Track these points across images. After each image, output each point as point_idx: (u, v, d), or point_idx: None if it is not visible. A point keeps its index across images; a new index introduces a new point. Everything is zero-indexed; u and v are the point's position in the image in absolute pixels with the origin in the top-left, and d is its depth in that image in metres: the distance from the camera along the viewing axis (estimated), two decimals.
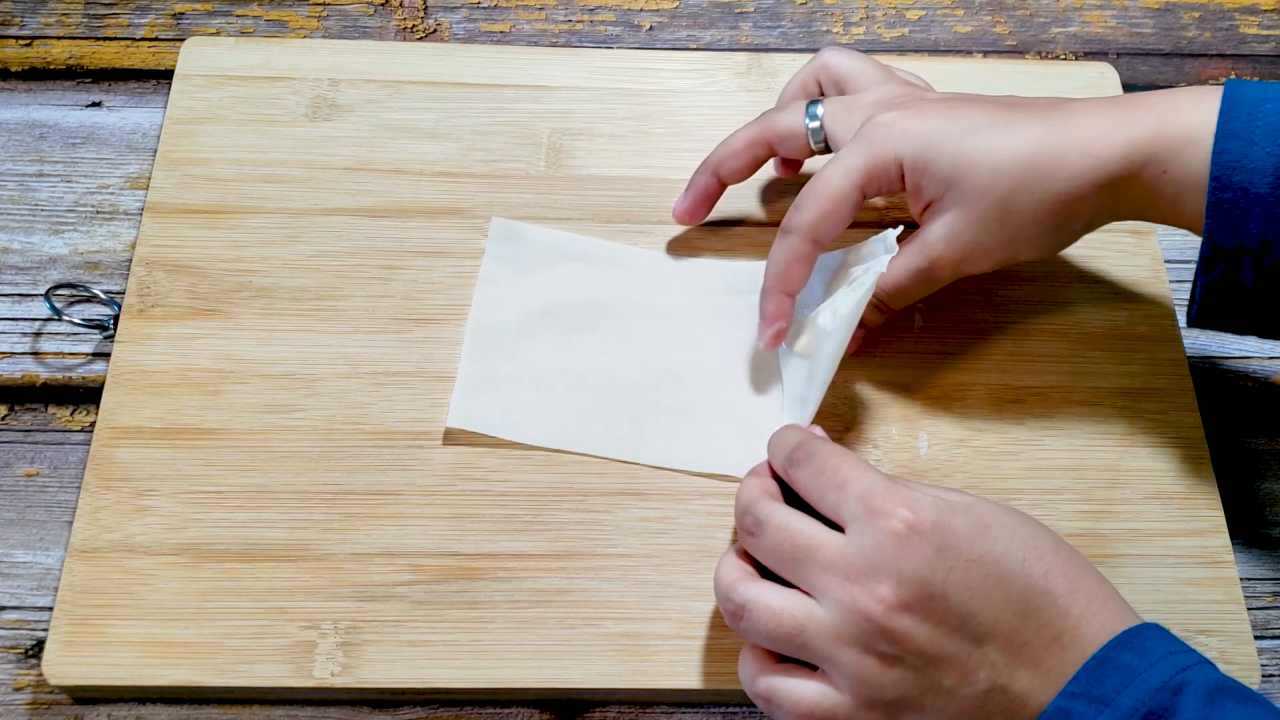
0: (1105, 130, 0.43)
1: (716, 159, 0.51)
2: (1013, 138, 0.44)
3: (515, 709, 0.45)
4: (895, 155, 0.45)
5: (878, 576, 0.36)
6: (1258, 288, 0.42)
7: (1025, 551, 0.37)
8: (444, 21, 0.62)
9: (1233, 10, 0.65)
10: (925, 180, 0.45)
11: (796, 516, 0.39)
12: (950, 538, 0.36)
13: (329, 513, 0.46)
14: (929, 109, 0.46)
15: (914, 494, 0.37)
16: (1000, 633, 0.36)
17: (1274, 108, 0.40)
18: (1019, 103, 0.46)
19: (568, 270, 0.52)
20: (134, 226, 0.54)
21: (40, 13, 0.61)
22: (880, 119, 0.46)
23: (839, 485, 0.38)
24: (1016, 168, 0.43)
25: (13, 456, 0.49)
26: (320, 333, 0.50)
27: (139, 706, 0.44)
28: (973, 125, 0.44)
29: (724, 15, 0.63)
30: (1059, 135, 0.43)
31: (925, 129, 0.45)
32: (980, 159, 0.44)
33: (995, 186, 0.43)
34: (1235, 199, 0.40)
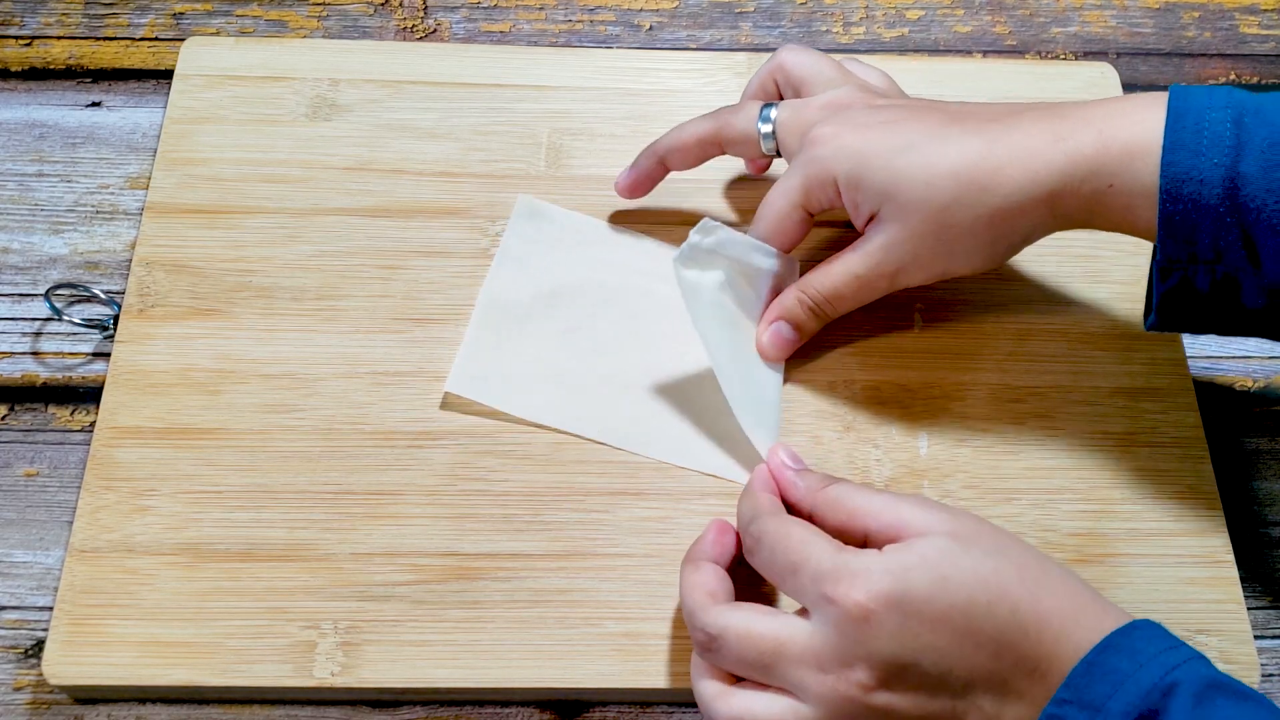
0: (1043, 144, 0.42)
1: (665, 146, 0.51)
2: (948, 152, 0.43)
3: (515, 709, 0.45)
4: (830, 174, 0.45)
5: (850, 663, 0.36)
6: (1212, 293, 0.41)
7: (988, 593, 0.36)
8: (444, 21, 0.62)
9: (1233, 10, 0.65)
10: (859, 196, 0.45)
11: (751, 618, 0.38)
12: (910, 605, 0.36)
13: (329, 513, 0.46)
14: (867, 121, 0.45)
15: (865, 565, 0.37)
16: (980, 678, 0.36)
17: (1219, 116, 0.40)
18: (962, 113, 0.45)
19: (587, 254, 0.53)
20: (134, 226, 0.54)
21: (40, 13, 0.61)
22: (817, 134, 0.46)
23: (792, 570, 0.38)
24: (951, 184, 0.43)
25: (13, 456, 0.49)
26: (320, 333, 0.50)
27: (139, 706, 0.44)
28: (908, 140, 0.44)
29: (724, 15, 0.63)
30: (995, 150, 0.43)
31: (859, 145, 0.45)
32: (914, 175, 0.43)
33: (930, 202, 0.43)
34: (1186, 211, 0.40)
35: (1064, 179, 0.42)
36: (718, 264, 0.48)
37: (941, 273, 0.46)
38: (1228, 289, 0.41)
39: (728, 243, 0.47)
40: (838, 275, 0.47)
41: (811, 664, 0.37)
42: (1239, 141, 0.39)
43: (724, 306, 0.48)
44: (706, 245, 0.47)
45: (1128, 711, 0.34)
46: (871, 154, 0.44)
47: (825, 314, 0.48)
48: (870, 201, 0.45)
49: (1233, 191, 0.39)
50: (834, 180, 0.45)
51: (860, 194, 0.45)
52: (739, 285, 0.49)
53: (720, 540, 0.43)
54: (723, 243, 0.47)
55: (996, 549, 0.38)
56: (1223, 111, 0.40)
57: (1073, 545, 0.47)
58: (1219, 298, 0.41)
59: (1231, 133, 0.40)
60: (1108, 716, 0.34)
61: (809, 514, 0.42)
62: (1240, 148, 0.39)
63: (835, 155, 0.45)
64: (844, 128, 0.45)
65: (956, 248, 0.44)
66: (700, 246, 0.47)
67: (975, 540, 0.38)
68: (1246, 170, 0.39)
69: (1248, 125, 0.40)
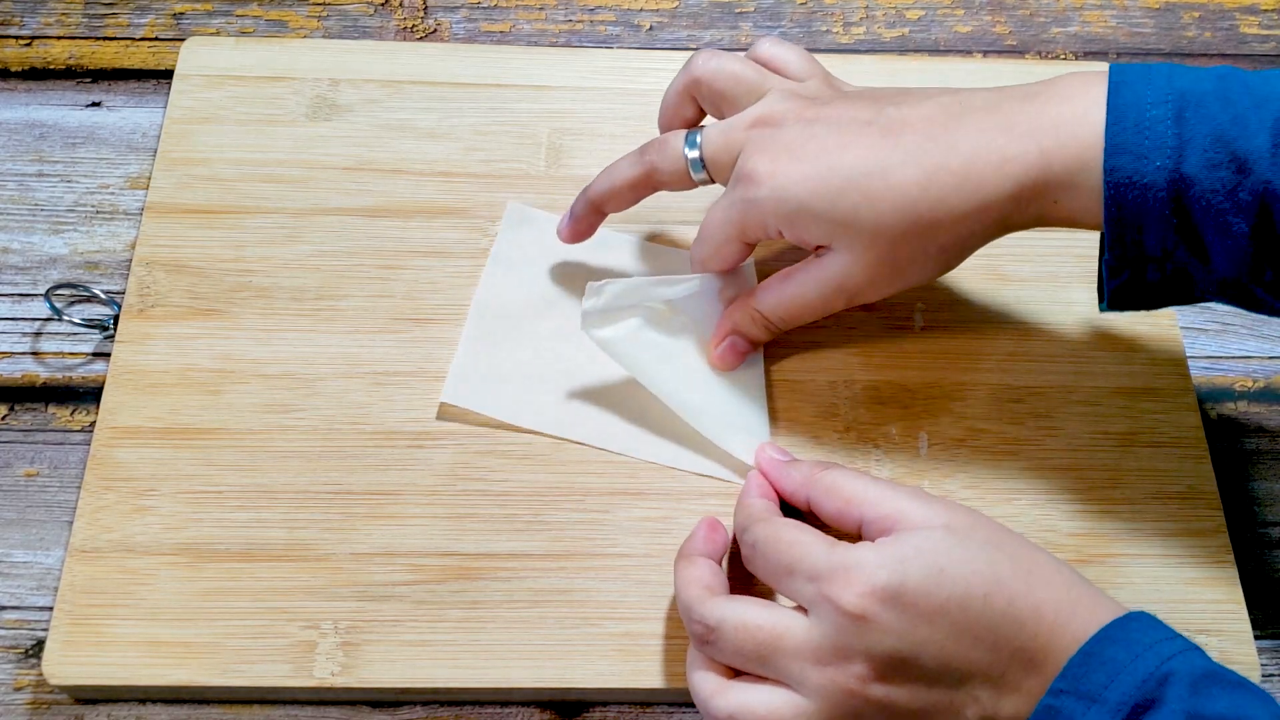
0: (988, 170, 0.41)
1: (598, 193, 0.49)
2: (891, 186, 0.42)
3: (515, 709, 0.45)
4: (768, 218, 0.44)
5: (847, 656, 0.37)
6: (1163, 283, 0.41)
7: (985, 584, 0.36)
8: (444, 21, 0.62)
9: (1233, 10, 0.65)
10: (806, 235, 0.44)
11: (748, 610, 0.38)
12: (906, 598, 0.36)
13: (329, 513, 0.46)
14: (800, 149, 0.43)
15: (861, 559, 0.37)
16: (977, 670, 0.36)
17: (1159, 113, 0.39)
18: (897, 125, 0.43)
19: (578, 260, 0.52)
20: (134, 226, 0.54)
21: (40, 13, 0.61)
22: (750, 169, 0.44)
23: (788, 572, 0.39)
24: (897, 221, 0.42)
25: (13, 456, 0.49)
26: (320, 333, 0.50)
27: (139, 706, 0.44)
28: (847, 176, 0.42)
29: (724, 15, 0.63)
30: (939, 179, 0.41)
31: (796, 189, 0.43)
32: (860, 217, 0.42)
33: (880, 236, 0.43)
34: (1132, 215, 0.40)
35: (1012, 203, 0.41)
36: (626, 314, 0.48)
37: (895, 290, 0.45)
38: (1178, 280, 0.41)
39: (623, 294, 0.47)
40: (793, 295, 0.46)
41: (809, 657, 0.37)
42: (1181, 141, 0.39)
43: (656, 344, 0.49)
44: (602, 306, 0.47)
45: (1124, 701, 0.34)
46: (809, 195, 0.43)
47: (778, 329, 0.48)
48: (817, 238, 0.44)
49: (1177, 195, 0.39)
50: (774, 223, 0.44)
51: (806, 233, 0.44)
52: (664, 317, 0.49)
53: (711, 537, 0.43)
54: (618, 296, 0.47)
55: (992, 541, 0.38)
56: (1163, 107, 0.39)
57: (1073, 545, 0.47)
58: (1170, 287, 0.42)
59: (1173, 131, 0.39)
60: (1104, 706, 0.34)
61: (805, 502, 0.42)
62: (1182, 147, 0.39)
63: (771, 198, 0.43)
64: (778, 161, 0.43)
65: (909, 270, 0.44)
66: (596, 309, 0.47)
67: (971, 533, 0.38)
68: (1190, 171, 0.39)
69: (1189, 121, 0.39)
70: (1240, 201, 0.38)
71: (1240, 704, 0.34)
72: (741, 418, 0.49)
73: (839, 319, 0.51)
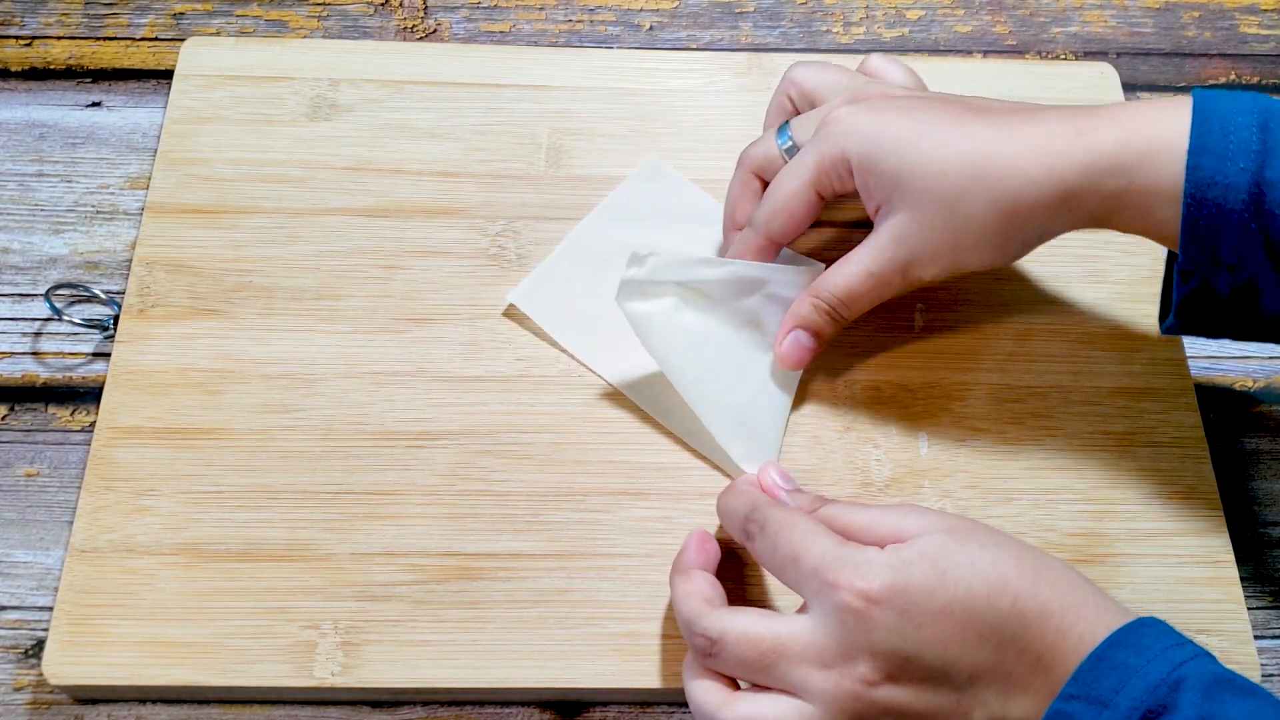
0: (1064, 139, 0.42)
1: (727, 216, 0.50)
2: (964, 140, 0.43)
3: (515, 709, 0.45)
4: (842, 152, 0.45)
5: (852, 657, 0.36)
6: (1232, 297, 0.41)
7: (988, 585, 0.36)
8: (444, 21, 0.62)
9: (1233, 10, 0.65)
10: (871, 179, 0.44)
11: (750, 620, 0.38)
12: (910, 598, 0.36)
13: (329, 513, 0.46)
14: (884, 106, 0.45)
15: (865, 559, 0.37)
16: (983, 671, 0.36)
17: (1245, 120, 0.40)
18: (982, 106, 0.45)
19: (685, 226, 0.53)
20: (134, 226, 0.54)
21: (40, 13, 0.61)
22: (833, 115, 0.45)
23: (793, 561, 0.38)
24: (965, 171, 0.42)
25: (13, 456, 0.49)
26: (320, 333, 0.50)
27: (139, 706, 0.44)
28: (924, 125, 0.44)
29: (724, 15, 0.63)
30: (1014, 141, 0.42)
31: (875, 127, 0.44)
32: (928, 160, 0.43)
33: (942, 189, 0.43)
34: (1211, 216, 0.40)
35: (1083, 174, 0.41)
36: (665, 291, 0.48)
37: (953, 266, 0.45)
38: (1248, 294, 0.41)
39: (666, 268, 0.47)
40: (852, 274, 0.46)
41: (813, 661, 0.37)
42: (1265, 147, 0.39)
43: (687, 330, 0.48)
44: (643, 277, 0.47)
45: (1135, 707, 0.34)
46: (886, 136, 0.44)
47: (842, 317, 0.47)
48: (882, 186, 0.44)
49: (1258, 198, 0.39)
50: (846, 159, 0.45)
51: (872, 176, 0.44)
52: (701, 302, 0.49)
53: (704, 548, 0.43)
54: (660, 269, 0.47)
55: (994, 543, 0.38)
56: (1248, 116, 0.40)
57: (1073, 545, 0.47)
58: (1239, 303, 0.41)
59: (1258, 138, 0.39)
60: (1115, 711, 0.34)
61: None
62: (1266, 153, 0.39)
63: (849, 134, 0.44)
64: (859, 110, 0.45)
65: (967, 240, 0.44)
66: (636, 280, 0.47)
67: (971, 535, 0.38)
68: (1272, 176, 0.39)
69: (1273, 130, 0.39)
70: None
71: (1253, 710, 0.34)
72: (756, 426, 0.48)
73: None
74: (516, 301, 0.50)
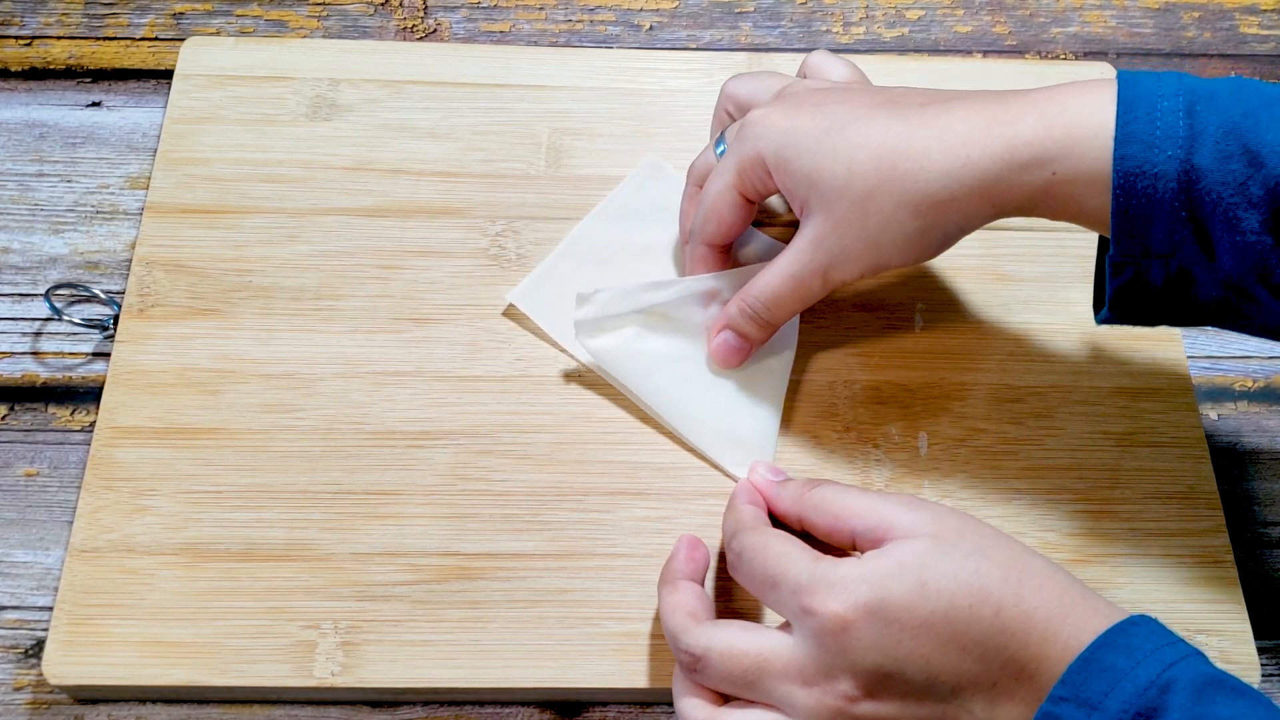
0: (978, 128, 0.40)
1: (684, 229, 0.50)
2: (873, 134, 0.42)
3: (515, 709, 0.45)
4: (758, 153, 0.44)
5: (833, 674, 0.36)
6: (1166, 286, 0.40)
7: (970, 596, 0.36)
8: (444, 21, 0.62)
9: (1233, 10, 0.65)
10: (788, 179, 0.44)
11: (734, 635, 0.38)
12: (889, 613, 0.36)
13: (329, 513, 0.46)
14: (799, 103, 0.44)
15: (843, 575, 0.37)
16: (967, 682, 0.36)
17: (1171, 105, 0.39)
18: (896, 97, 0.44)
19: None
20: (134, 226, 0.54)
21: (40, 13, 0.61)
22: (751, 116, 0.45)
23: (772, 585, 0.38)
24: (874, 167, 0.41)
25: (13, 456, 0.49)
26: (320, 333, 0.50)
27: (139, 706, 0.44)
28: (835, 121, 0.43)
29: (724, 15, 0.63)
30: (925, 132, 0.41)
31: (787, 126, 0.44)
32: (838, 158, 0.42)
33: (852, 186, 0.42)
34: (1140, 205, 0.39)
35: (1002, 165, 0.40)
36: (624, 322, 0.49)
37: (873, 266, 0.44)
38: (1182, 282, 0.40)
39: (614, 301, 0.48)
40: (773, 278, 0.45)
41: (796, 679, 0.37)
42: (1192, 132, 0.38)
43: (652, 353, 0.49)
44: (594, 315, 0.48)
45: (1125, 709, 0.33)
46: (797, 134, 0.43)
47: (767, 320, 0.47)
48: (797, 186, 0.43)
49: (1188, 185, 0.38)
50: (762, 160, 0.44)
51: (787, 176, 0.44)
52: (660, 323, 0.49)
53: (692, 556, 0.42)
54: (609, 304, 0.48)
55: (980, 550, 0.37)
56: (1174, 100, 0.39)
57: (1072, 545, 0.47)
58: (1173, 291, 0.41)
59: (1185, 123, 0.38)
60: (1105, 714, 0.34)
61: (798, 520, 0.41)
62: (1194, 138, 0.38)
63: (763, 135, 0.44)
64: (774, 110, 0.45)
65: (883, 238, 0.42)
66: (589, 318, 0.48)
67: (957, 542, 0.37)
68: (1200, 163, 0.38)
69: (1200, 113, 0.38)
70: (1251, 196, 0.38)
71: (1245, 712, 0.33)
72: (744, 430, 0.48)
73: (839, 319, 0.52)
74: (516, 301, 0.50)
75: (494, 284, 0.52)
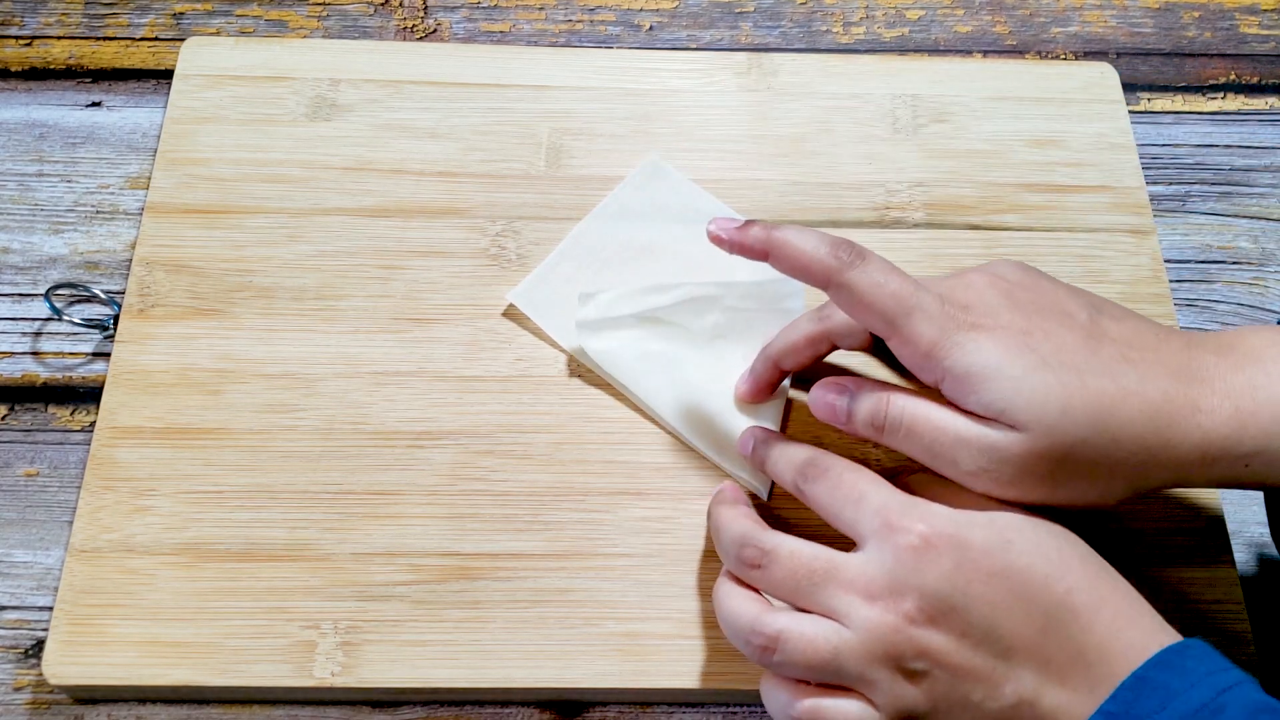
0: (1183, 413, 0.38)
1: (778, 351, 0.47)
2: (1087, 388, 0.38)
3: (515, 709, 0.45)
4: (944, 368, 0.39)
5: (900, 592, 0.37)
6: None
7: (1049, 567, 0.37)
8: (444, 21, 0.62)
9: (1233, 10, 0.65)
10: (973, 400, 0.39)
11: (803, 542, 0.39)
12: (968, 551, 0.37)
13: (329, 513, 0.46)
14: (1002, 323, 0.40)
15: (931, 508, 0.38)
16: (1024, 648, 0.36)
17: None
18: (1099, 333, 0.40)
19: (688, 226, 0.53)
20: (134, 226, 0.54)
21: (40, 13, 0.61)
22: (954, 314, 0.40)
23: (855, 500, 0.39)
24: (1086, 423, 0.38)
25: (13, 456, 0.49)
26: (320, 333, 0.50)
27: (139, 706, 0.44)
28: (1047, 357, 0.39)
29: (724, 15, 0.63)
30: (1133, 402, 0.38)
31: (992, 348, 0.39)
32: (1052, 399, 0.38)
33: (1061, 432, 0.38)
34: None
35: (1198, 456, 0.39)
36: (624, 324, 0.49)
37: (1032, 499, 0.40)
38: None
39: (615, 303, 0.49)
40: (932, 418, 0.40)
41: (860, 591, 0.37)
42: None
43: (653, 356, 0.49)
44: (598, 315, 0.49)
45: None
46: (1003, 363, 0.39)
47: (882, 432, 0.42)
48: (992, 404, 0.39)
49: None
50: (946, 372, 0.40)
51: (983, 395, 0.39)
52: (660, 331, 0.50)
53: (737, 492, 0.44)
54: (610, 305, 0.49)
55: (1066, 537, 0.38)
56: None
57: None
58: None
59: None
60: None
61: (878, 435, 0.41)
62: None
63: (965, 358, 0.39)
64: (985, 334, 0.39)
65: (1066, 482, 0.39)
66: (590, 320, 0.48)
67: (1047, 525, 0.38)
68: None
69: None
70: None
71: None
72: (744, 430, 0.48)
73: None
74: (516, 301, 0.51)
75: (494, 284, 0.52)
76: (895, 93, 0.58)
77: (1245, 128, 0.60)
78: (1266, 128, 0.60)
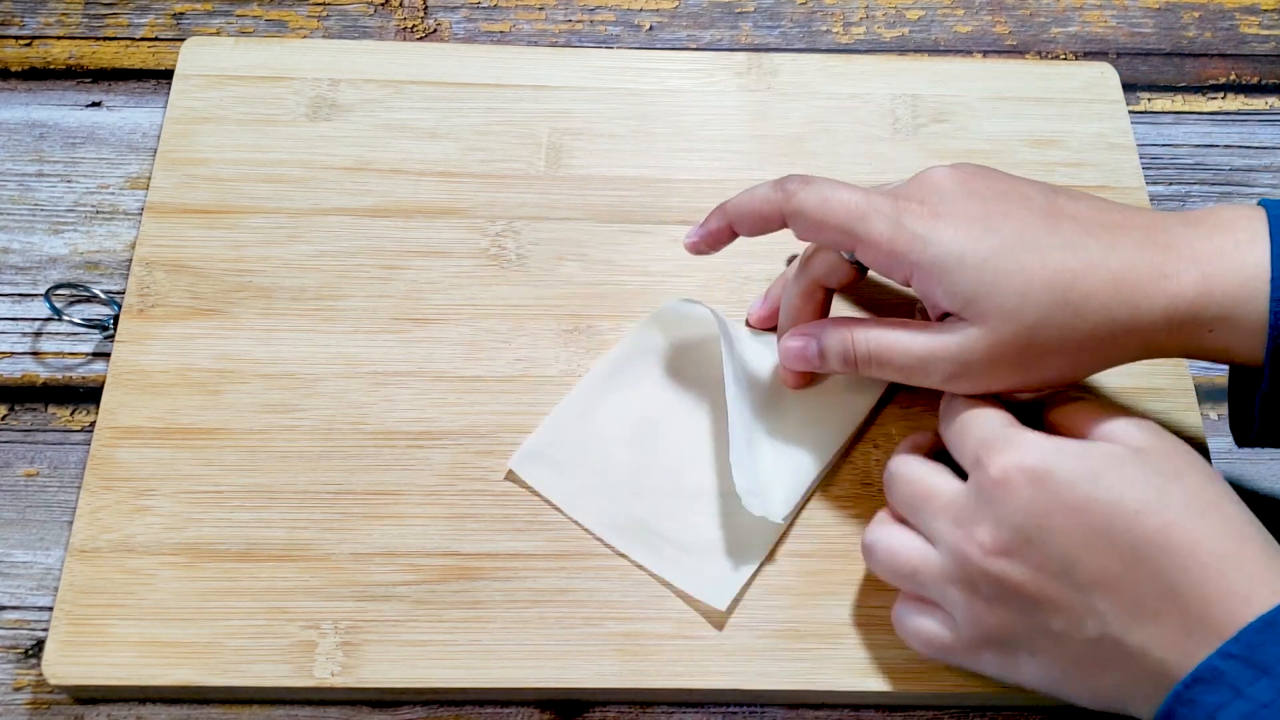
0: (1147, 280, 0.39)
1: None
2: (1047, 265, 0.40)
3: (515, 709, 0.45)
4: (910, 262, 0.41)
5: (978, 520, 0.38)
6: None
7: (1142, 503, 0.36)
8: (444, 21, 0.62)
9: (1233, 10, 0.65)
10: (940, 293, 0.41)
11: (921, 468, 0.41)
12: (1050, 483, 0.37)
13: (329, 513, 0.46)
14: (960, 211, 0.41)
15: (1026, 438, 0.39)
16: (1106, 582, 0.36)
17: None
18: (1058, 211, 0.41)
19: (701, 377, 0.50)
20: (134, 226, 0.54)
21: (40, 13, 0.61)
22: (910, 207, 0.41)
23: (962, 433, 0.41)
24: (1047, 301, 0.39)
25: (13, 456, 0.49)
26: (320, 333, 0.50)
27: (139, 706, 0.44)
28: (1005, 243, 0.40)
29: (724, 15, 0.63)
30: (1095, 273, 0.39)
31: (951, 240, 0.40)
32: (1012, 284, 0.39)
33: (1022, 313, 0.40)
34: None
35: (1164, 321, 0.39)
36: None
37: (1005, 386, 0.42)
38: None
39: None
40: (895, 342, 0.42)
41: (949, 514, 0.39)
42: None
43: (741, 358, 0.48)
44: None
45: None
46: (965, 252, 0.40)
47: (855, 367, 0.44)
48: (956, 300, 0.40)
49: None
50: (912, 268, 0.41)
51: (946, 291, 0.41)
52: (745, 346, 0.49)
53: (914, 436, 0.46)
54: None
55: (1175, 473, 0.37)
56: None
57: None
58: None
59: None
60: (1275, 680, 0.33)
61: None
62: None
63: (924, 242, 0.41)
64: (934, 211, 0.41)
65: (1035, 364, 0.41)
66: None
67: (1158, 459, 0.38)
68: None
69: None
70: None
71: None
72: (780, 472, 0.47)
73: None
74: (516, 470, 0.47)
75: (494, 284, 0.52)
76: (895, 93, 0.58)
77: (1245, 128, 0.60)
78: (1266, 128, 0.60)
